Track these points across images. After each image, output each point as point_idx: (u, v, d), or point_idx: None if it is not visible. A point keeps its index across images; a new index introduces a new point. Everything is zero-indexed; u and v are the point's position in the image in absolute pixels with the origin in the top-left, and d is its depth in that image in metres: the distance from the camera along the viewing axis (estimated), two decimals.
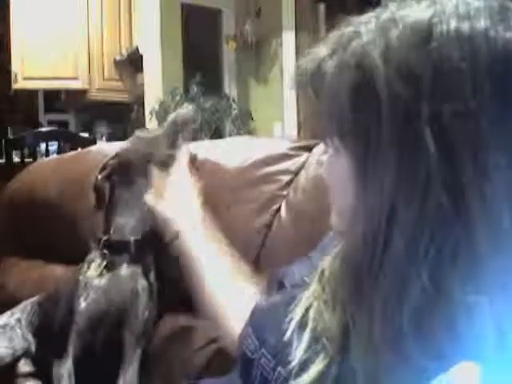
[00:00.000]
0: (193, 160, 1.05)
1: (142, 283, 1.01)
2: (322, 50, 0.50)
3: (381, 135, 0.44)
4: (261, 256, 1.02)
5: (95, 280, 1.00)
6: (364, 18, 0.49)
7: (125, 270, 1.01)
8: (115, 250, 1.01)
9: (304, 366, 0.51)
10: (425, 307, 0.42)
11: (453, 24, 0.43)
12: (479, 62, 0.42)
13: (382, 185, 0.44)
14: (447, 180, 0.42)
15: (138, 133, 1.11)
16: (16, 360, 1.07)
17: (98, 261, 1.01)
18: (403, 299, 0.42)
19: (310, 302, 0.56)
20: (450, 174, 0.42)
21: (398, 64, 0.44)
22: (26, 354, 1.09)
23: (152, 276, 1.04)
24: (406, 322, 0.42)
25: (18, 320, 1.11)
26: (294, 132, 3.86)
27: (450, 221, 0.42)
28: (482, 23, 0.43)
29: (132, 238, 1.01)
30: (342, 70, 0.47)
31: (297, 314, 0.55)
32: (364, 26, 0.48)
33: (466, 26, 0.43)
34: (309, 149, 1.08)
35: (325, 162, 0.56)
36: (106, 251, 1.01)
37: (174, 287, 1.09)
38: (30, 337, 1.09)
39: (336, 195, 0.54)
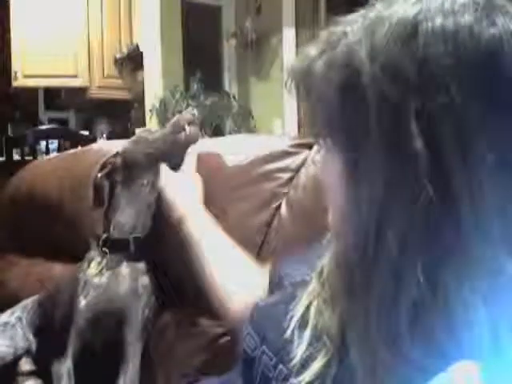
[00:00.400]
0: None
1: (142, 282, 1.01)
2: (312, 50, 0.50)
3: (369, 135, 0.44)
4: (261, 254, 1.02)
5: (95, 278, 1.00)
6: (352, 17, 0.49)
7: (125, 268, 1.01)
8: (115, 248, 1.01)
9: (305, 363, 0.51)
10: (421, 306, 0.42)
11: (438, 20, 0.43)
12: (464, 57, 0.42)
13: (371, 186, 0.44)
14: (436, 179, 0.42)
15: (140, 132, 1.11)
16: (17, 359, 1.08)
17: (98, 259, 1.01)
18: (398, 299, 0.42)
19: (310, 299, 0.56)
20: (439, 172, 0.42)
21: (384, 62, 0.44)
22: (26, 352, 1.09)
23: (153, 274, 1.04)
24: (403, 322, 0.42)
25: (19, 319, 1.11)
26: (295, 129, 3.85)
27: (440, 221, 0.42)
28: (466, 19, 0.43)
29: (131, 237, 1.01)
30: (329, 70, 0.47)
31: (297, 311, 0.56)
32: (351, 26, 0.48)
33: (450, 22, 0.43)
34: (309, 146, 1.08)
35: (319, 161, 0.56)
36: (105, 249, 1.01)
37: (176, 285, 1.09)
38: (30, 336, 1.10)
39: (330, 195, 0.54)
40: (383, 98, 0.43)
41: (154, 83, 3.88)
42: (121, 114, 4.63)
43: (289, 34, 3.91)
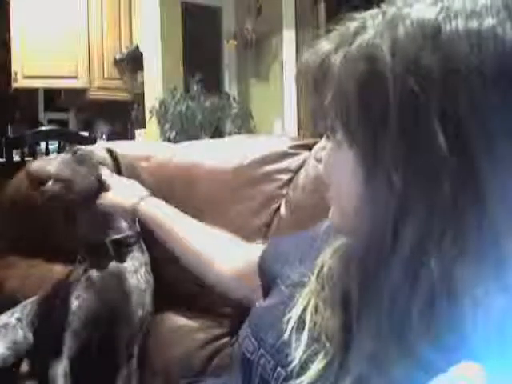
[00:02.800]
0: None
1: (131, 282, 1.02)
2: (325, 45, 0.50)
3: (388, 130, 0.44)
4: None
5: (84, 281, 1.01)
6: (369, 13, 0.49)
7: (113, 269, 1.02)
8: (94, 252, 1.04)
9: (304, 365, 0.51)
10: (433, 305, 0.42)
11: (461, 21, 0.44)
12: (488, 58, 0.42)
13: (390, 180, 0.44)
14: (458, 172, 0.42)
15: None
16: (19, 361, 1.08)
17: (83, 263, 1.04)
18: (412, 297, 0.42)
19: (307, 300, 0.56)
20: (462, 170, 0.42)
21: (406, 58, 0.44)
22: (26, 354, 1.09)
23: (144, 274, 1.05)
24: (415, 320, 0.42)
25: (19, 320, 1.11)
26: (294, 130, 3.85)
27: (462, 219, 0.42)
28: (489, 21, 0.43)
29: (108, 240, 1.02)
30: (348, 64, 0.47)
31: (295, 313, 0.55)
32: (370, 21, 0.48)
33: (474, 23, 0.43)
34: (309, 147, 1.08)
35: (324, 157, 0.55)
36: (85, 256, 1.04)
37: (173, 286, 1.09)
38: (30, 336, 1.10)
39: (338, 192, 0.53)
40: (405, 93, 0.43)
41: (154, 84, 3.88)
42: (121, 115, 4.62)
43: (289, 36, 3.90)
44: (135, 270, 1.04)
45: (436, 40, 0.43)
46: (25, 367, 1.08)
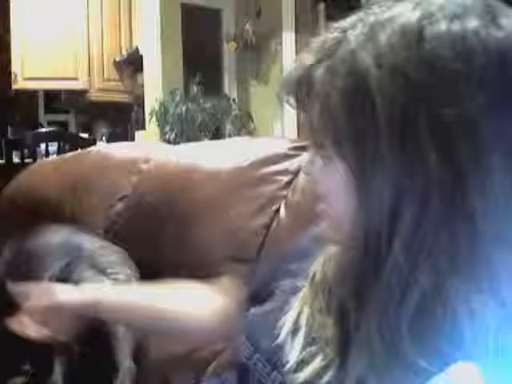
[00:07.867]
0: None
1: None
2: (307, 58, 0.48)
3: (378, 141, 0.43)
4: (260, 256, 1.02)
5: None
6: (348, 22, 0.48)
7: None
8: None
9: (300, 366, 0.51)
10: (424, 310, 0.42)
11: (443, 24, 0.43)
12: (474, 62, 0.42)
13: (382, 192, 0.44)
14: (448, 183, 0.42)
15: None
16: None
17: None
18: (403, 303, 0.42)
19: (302, 305, 0.56)
20: (451, 176, 0.42)
21: (392, 68, 0.43)
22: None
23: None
24: (405, 324, 0.42)
25: None
26: (294, 132, 3.85)
27: (451, 225, 0.42)
28: (472, 23, 0.43)
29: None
30: (332, 78, 0.46)
31: (290, 317, 0.55)
32: (351, 31, 0.46)
33: (456, 27, 0.43)
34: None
35: (315, 171, 0.53)
36: None
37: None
38: None
39: (330, 204, 0.52)
40: (392, 104, 0.42)
41: (154, 86, 3.88)
42: (120, 117, 4.63)
43: (288, 37, 3.91)
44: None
45: (419, 47, 0.43)
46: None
